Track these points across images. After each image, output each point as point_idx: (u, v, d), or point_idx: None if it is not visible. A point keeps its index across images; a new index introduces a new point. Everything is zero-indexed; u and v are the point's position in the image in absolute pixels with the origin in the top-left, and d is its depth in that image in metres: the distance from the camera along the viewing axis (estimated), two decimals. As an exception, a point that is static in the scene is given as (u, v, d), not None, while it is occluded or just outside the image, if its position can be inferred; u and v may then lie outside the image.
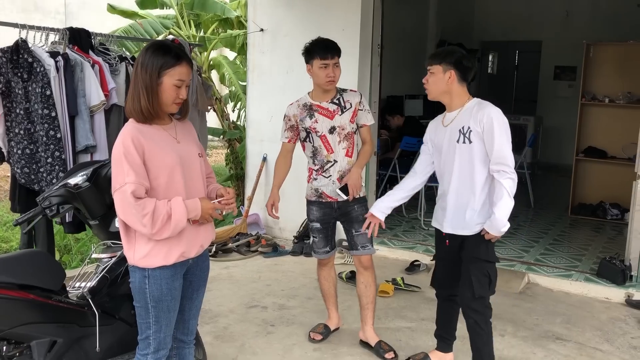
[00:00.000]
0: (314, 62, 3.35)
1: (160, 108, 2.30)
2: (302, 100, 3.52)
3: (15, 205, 3.85)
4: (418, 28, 9.05)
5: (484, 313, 3.02)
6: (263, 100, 6.14)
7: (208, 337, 3.69)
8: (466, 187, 2.98)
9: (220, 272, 5.01)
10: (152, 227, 2.19)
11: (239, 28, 7.97)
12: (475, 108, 2.94)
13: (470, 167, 2.95)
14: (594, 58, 6.90)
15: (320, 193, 3.51)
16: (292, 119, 3.51)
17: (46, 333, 2.55)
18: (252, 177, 6.28)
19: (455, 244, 3.09)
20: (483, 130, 2.88)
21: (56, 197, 2.68)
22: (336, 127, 3.43)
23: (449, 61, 2.95)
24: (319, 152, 3.47)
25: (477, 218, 2.97)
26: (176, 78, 2.28)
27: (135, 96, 2.26)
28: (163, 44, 2.34)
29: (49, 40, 3.92)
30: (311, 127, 3.44)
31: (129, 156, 2.19)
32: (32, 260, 2.65)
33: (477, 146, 2.91)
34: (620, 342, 3.84)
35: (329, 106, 3.44)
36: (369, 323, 3.63)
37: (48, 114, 3.67)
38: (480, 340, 3.04)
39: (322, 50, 3.34)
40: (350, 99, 3.48)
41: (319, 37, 3.46)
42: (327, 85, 3.39)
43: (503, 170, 2.86)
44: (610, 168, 6.84)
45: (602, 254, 5.27)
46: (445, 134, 3.03)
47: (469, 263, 3.02)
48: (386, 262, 5.36)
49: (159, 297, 2.32)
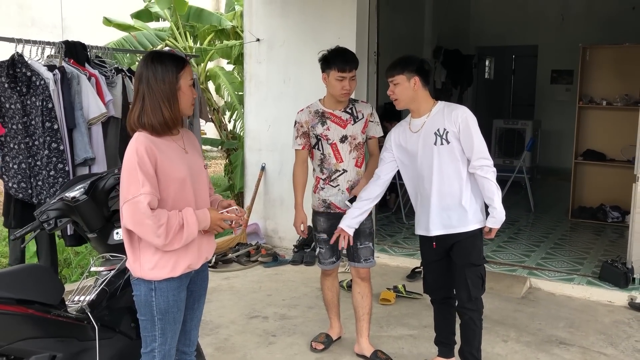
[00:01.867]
0: (331, 73, 3.30)
1: (180, 114, 2.31)
2: (314, 106, 3.47)
3: (10, 220, 3.82)
4: (414, 34, 9.07)
5: (478, 310, 3.15)
6: (260, 110, 6.14)
7: (209, 349, 3.66)
8: (451, 186, 3.05)
9: (220, 283, 4.99)
10: (166, 238, 2.18)
11: (235, 39, 7.99)
12: (446, 110, 3.07)
13: (454, 167, 3.04)
14: (591, 61, 6.92)
15: (329, 204, 3.46)
16: (304, 125, 3.45)
17: (45, 348, 2.53)
18: (250, 186, 6.27)
19: (444, 246, 3.14)
20: (459, 130, 3.00)
21: (54, 210, 2.66)
22: (348, 137, 3.41)
23: (411, 69, 3.07)
24: (327, 161, 3.44)
25: (468, 215, 3.05)
26: (189, 78, 2.32)
27: (155, 109, 2.24)
28: (161, 52, 2.36)
29: (45, 54, 3.92)
30: (322, 135, 3.41)
31: (144, 166, 2.18)
32: (31, 274, 2.63)
33: (455, 146, 3.02)
34: (624, 346, 3.81)
35: (342, 115, 3.42)
36: (364, 335, 3.60)
37: (50, 127, 3.67)
38: (472, 334, 3.16)
39: (341, 62, 3.28)
40: (362, 109, 3.47)
41: (338, 47, 3.39)
42: (342, 97, 3.36)
43: (485, 165, 2.99)
44: (609, 170, 6.84)
45: (603, 257, 5.25)
46: (419, 139, 3.10)
47: (464, 268, 3.09)
48: (387, 269, 5.34)
49: (165, 309, 2.31)
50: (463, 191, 3.04)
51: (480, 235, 3.11)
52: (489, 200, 3.03)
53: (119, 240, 2.74)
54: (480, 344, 3.19)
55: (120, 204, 2.21)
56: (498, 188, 3.02)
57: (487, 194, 3.02)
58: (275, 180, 6.11)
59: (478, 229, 3.08)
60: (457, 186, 3.05)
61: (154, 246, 2.23)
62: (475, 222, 3.07)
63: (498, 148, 8.95)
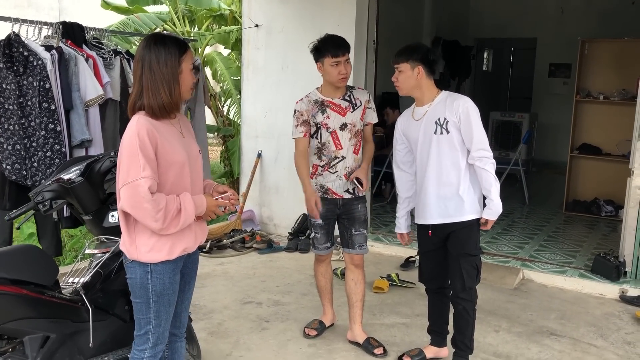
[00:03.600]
0: (325, 60, 3.32)
1: (180, 98, 2.30)
2: (312, 96, 3.48)
3: (5, 202, 3.80)
4: (413, 24, 9.04)
5: (472, 300, 3.18)
6: (258, 97, 6.12)
7: (202, 333, 3.68)
8: (449, 176, 3.06)
9: (214, 269, 5.00)
10: (163, 222, 2.18)
11: (233, 24, 7.95)
12: (448, 100, 3.07)
13: (453, 156, 3.05)
14: (589, 55, 6.91)
15: (326, 189, 3.48)
16: (304, 114, 3.44)
17: (39, 328, 2.54)
18: (246, 173, 6.26)
19: (441, 235, 3.16)
20: (459, 120, 3.00)
21: (49, 192, 2.66)
22: (348, 124, 3.42)
23: (415, 58, 3.06)
24: (326, 148, 3.44)
25: (465, 205, 3.06)
26: (190, 62, 2.30)
27: (156, 92, 2.22)
28: (163, 36, 2.32)
29: (42, 34, 3.89)
30: (322, 123, 3.41)
31: (145, 150, 2.16)
32: (25, 255, 2.64)
33: (455, 136, 3.03)
34: (614, 338, 3.85)
35: (341, 103, 3.43)
36: (358, 321, 3.62)
37: (47, 107, 3.64)
38: (466, 324, 3.19)
39: (333, 47, 3.31)
40: (360, 96, 3.49)
41: (327, 35, 3.42)
42: (340, 82, 3.36)
43: (485, 157, 2.99)
44: (604, 165, 6.86)
45: (596, 250, 5.28)
46: (420, 127, 3.11)
47: (459, 258, 3.11)
48: (381, 258, 5.36)
49: (161, 292, 2.31)
50: (461, 181, 3.05)
51: (476, 226, 3.12)
52: (486, 191, 3.04)
53: (114, 223, 2.74)
54: (472, 334, 3.22)
55: (118, 186, 2.19)
56: (496, 180, 3.02)
57: (485, 186, 3.02)
58: (272, 167, 6.11)
59: (474, 219, 3.09)
60: (455, 176, 3.05)
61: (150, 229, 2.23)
62: (472, 213, 3.08)
63: (494, 140, 8.95)
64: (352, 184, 3.45)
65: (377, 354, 3.49)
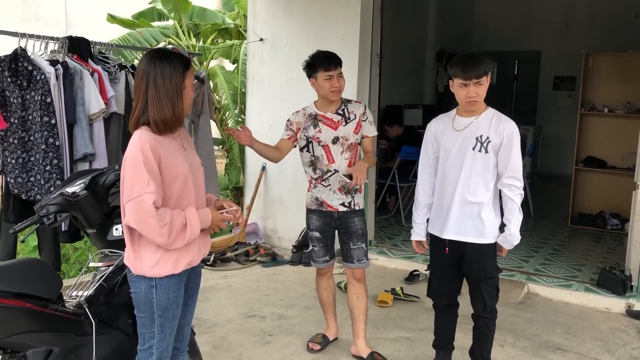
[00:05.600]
0: (318, 75, 3.38)
1: (183, 113, 2.30)
2: (308, 109, 3.54)
3: (9, 215, 3.82)
4: (417, 38, 9.08)
5: (493, 317, 3.17)
6: (262, 110, 6.15)
7: (206, 347, 3.66)
8: (476, 195, 2.98)
9: (218, 282, 4.99)
10: (169, 237, 2.19)
11: (238, 38, 8.00)
12: (495, 119, 2.98)
13: (485, 177, 2.97)
14: (593, 68, 6.92)
15: (321, 202, 3.50)
16: (294, 125, 3.52)
17: (42, 342, 2.53)
18: (251, 186, 6.27)
19: (456, 252, 3.10)
20: (501, 143, 2.92)
21: (54, 205, 2.66)
22: (339, 138, 3.44)
23: (489, 66, 2.94)
24: (319, 161, 3.47)
25: (485, 228, 3.00)
26: (192, 77, 2.33)
27: (160, 108, 2.23)
28: (167, 51, 2.33)
29: (49, 49, 3.92)
30: (314, 137, 3.45)
31: (148, 165, 2.17)
32: (29, 268, 2.64)
33: (492, 158, 2.95)
34: (620, 353, 3.81)
35: (334, 117, 3.46)
36: (361, 336, 3.60)
37: (48, 122, 3.66)
38: (486, 338, 3.19)
39: (325, 62, 3.37)
40: (354, 110, 3.50)
41: (319, 51, 3.48)
42: (333, 95, 3.41)
43: (515, 185, 2.93)
44: (609, 178, 6.84)
45: (602, 264, 5.25)
46: (458, 138, 3.01)
47: (479, 281, 3.08)
48: (385, 271, 5.34)
49: (165, 306, 2.31)
50: (486, 203, 2.98)
51: (493, 248, 3.07)
52: (507, 220, 2.97)
53: (118, 236, 2.74)
54: (491, 347, 3.21)
55: (123, 201, 2.20)
56: (520, 213, 2.96)
57: (507, 215, 2.97)
58: (276, 180, 6.11)
59: (491, 243, 3.05)
60: (482, 197, 2.98)
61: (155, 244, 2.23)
62: (489, 237, 3.02)
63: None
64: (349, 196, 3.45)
65: None
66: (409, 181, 6.80)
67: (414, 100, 8.86)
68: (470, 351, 3.28)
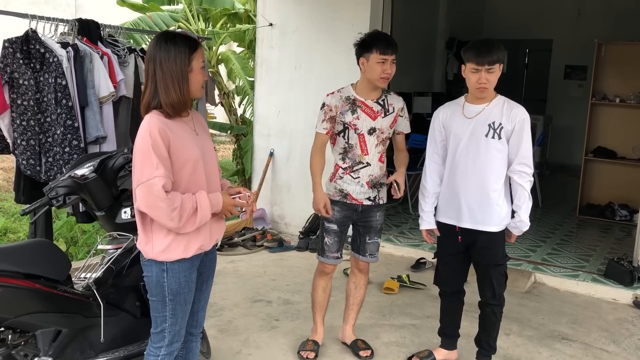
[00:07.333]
0: (372, 56, 3.10)
1: (190, 96, 2.30)
2: (345, 92, 3.25)
3: (20, 196, 3.84)
4: (427, 25, 9.01)
5: (500, 304, 3.17)
6: (271, 95, 6.13)
7: (212, 331, 3.69)
8: (489, 182, 2.97)
9: (225, 266, 5.02)
10: (179, 221, 2.19)
11: (247, 23, 7.96)
12: (506, 106, 2.98)
13: (498, 164, 2.96)
14: (605, 57, 6.84)
15: (346, 194, 3.27)
16: (332, 110, 3.22)
17: (51, 322, 2.57)
18: (258, 171, 6.27)
19: (466, 240, 3.09)
20: (513, 130, 2.92)
21: (63, 187, 2.68)
22: (376, 129, 3.22)
23: (503, 55, 2.92)
24: (351, 151, 3.25)
25: (495, 215, 3.00)
26: (201, 60, 2.30)
27: (167, 91, 2.22)
28: (174, 33, 2.32)
29: (58, 31, 3.92)
30: (351, 123, 3.20)
31: (157, 149, 2.16)
32: (38, 249, 2.66)
33: (504, 143, 2.95)
34: (627, 344, 3.81)
35: (374, 105, 3.22)
36: (350, 323, 3.56)
37: (65, 104, 3.67)
38: (492, 326, 3.19)
39: (383, 44, 3.09)
40: (394, 102, 3.28)
41: (377, 31, 3.24)
42: (381, 82, 3.15)
43: (525, 172, 2.94)
44: (619, 168, 6.79)
45: (610, 255, 5.23)
46: (469, 125, 2.99)
47: (489, 268, 3.08)
48: (392, 259, 5.34)
49: (177, 290, 2.32)
50: (498, 191, 2.98)
51: (502, 235, 3.08)
52: (516, 207, 2.97)
53: (127, 219, 2.76)
54: (497, 335, 3.23)
55: (133, 186, 2.20)
56: (530, 199, 2.97)
57: (517, 202, 2.97)
58: (283, 166, 6.12)
59: (501, 231, 3.05)
60: (495, 184, 2.97)
61: (166, 228, 2.24)
62: (500, 225, 3.02)
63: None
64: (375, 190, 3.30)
65: (363, 356, 3.43)
66: (417, 169, 6.78)
67: (424, 88, 8.81)
68: (476, 339, 3.29)
